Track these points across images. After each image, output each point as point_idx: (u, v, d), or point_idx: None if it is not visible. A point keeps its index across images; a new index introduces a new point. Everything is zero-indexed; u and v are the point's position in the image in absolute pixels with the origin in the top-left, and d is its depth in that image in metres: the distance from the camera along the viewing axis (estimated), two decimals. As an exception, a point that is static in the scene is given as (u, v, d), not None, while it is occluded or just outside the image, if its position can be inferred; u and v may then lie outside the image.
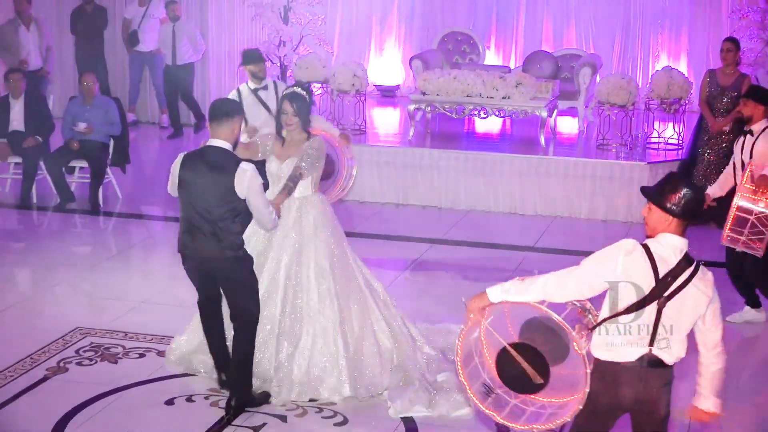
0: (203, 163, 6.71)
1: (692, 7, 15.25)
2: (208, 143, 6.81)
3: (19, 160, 12.28)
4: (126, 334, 8.38)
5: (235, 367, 7.00)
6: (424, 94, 12.79)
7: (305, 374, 7.14)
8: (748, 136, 8.57)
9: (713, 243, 11.01)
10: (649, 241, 4.96)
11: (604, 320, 4.96)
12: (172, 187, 6.90)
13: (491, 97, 12.55)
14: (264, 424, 6.86)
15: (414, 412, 6.96)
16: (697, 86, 12.27)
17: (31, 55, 14.29)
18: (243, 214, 6.88)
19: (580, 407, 4.95)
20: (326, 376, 7.14)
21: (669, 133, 12.98)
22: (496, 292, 5.02)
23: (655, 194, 4.97)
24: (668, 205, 4.91)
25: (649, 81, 13.29)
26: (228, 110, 6.82)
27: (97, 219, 11.91)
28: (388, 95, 16.12)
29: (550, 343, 4.96)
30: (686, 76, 13.17)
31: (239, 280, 6.92)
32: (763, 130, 8.45)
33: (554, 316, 4.92)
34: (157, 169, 14.55)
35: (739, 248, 8.44)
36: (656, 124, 13.09)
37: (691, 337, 4.99)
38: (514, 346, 4.98)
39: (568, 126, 13.89)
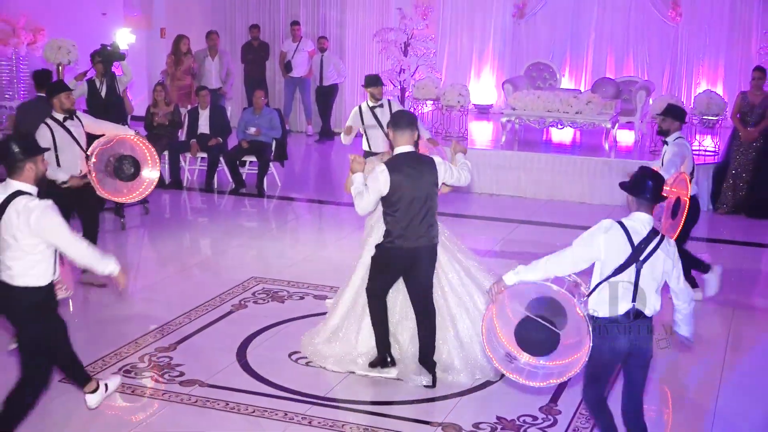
0: (411, 167, 6.16)
1: (728, 43, 14.99)
2: (399, 150, 6.21)
3: (204, 155, 12.55)
4: (289, 282, 8.61)
5: (428, 342, 6.44)
6: (514, 109, 12.91)
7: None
8: (665, 145, 8.13)
9: (740, 228, 11.07)
10: (623, 219, 5.06)
11: (597, 285, 5.02)
12: (371, 200, 6.18)
13: (567, 113, 12.61)
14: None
15: None
16: (731, 106, 12.15)
17: (212, 78, 14.73)
18: None
19: (586, 359, 4.99)
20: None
21: (707, 143, 12.86)
22: (510, 277, 5.10)
23: (621, 183, 5.19)
24: (626, 186, 5.11)
25: (693, 101, 13.20)
26: (412, 121, 6.30)
27: (262, 200, 12.08)
28: (483, 112, 16.17)
29: (554, 314, 5.01)
30: (722, 97, 13.06)
31: (432, 266, 6.43)
32: (675, 140, 8.04)
33: (558, 288, 4.99)
34: (305, 164, 14.93)
35: None
36: (697, 136, 12.98)
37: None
38: (528, 318, 5.02)
39: (626, 136, 13.83)
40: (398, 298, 6.68)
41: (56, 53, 11.84)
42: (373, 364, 6.60)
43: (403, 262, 6.33)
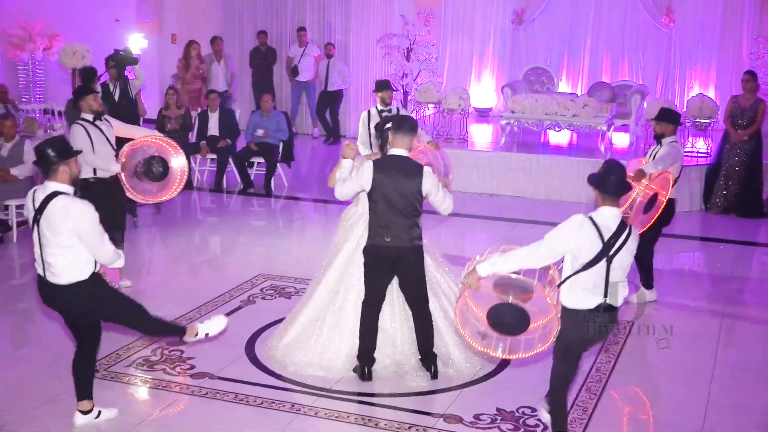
0: (397, 170, 6.13)
1: (719, 49, 14.99)
2: (393, 152, 6.21)
3: (214, 156, 12.58)
4: (295, 279, 8.64)
5: (427, 338, 6.42)
6: (513, 112, 12.90)
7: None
8: (659, 145, 8.03)
9: (731, 227, 11.08)
10: (593, 215, 5.04)
11: (568, 278, 5.05)
12: (351, 189, 6.27)
13: (564, 116, 12.60)
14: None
15: None
16: (723, 109, 12.17)
17: (219, 81, 14.76)
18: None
19: (553, 340, 5.08)
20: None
21: (700, 145, 12.87)
22: (484, 268, 5.07)
23: (588, 176, 5.20)
24: (591, 180, 5.14)
25: (686, 105, 13.20)
26: (413, 127, 6.26)
27: (269, 200, 12.10)
28: (483, 115, 16.17)
29: (518, 293, 5.07)
30: (714, 100, 13.06)
31: (420, 266, 6.36)
32: (669, 143, 7.95)
33: (528, 279, 5.03)
34: (312, 166, 14.93)
35: None
36: (690, 138, 12.98)
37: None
38: (500, 303, 5.06)
39: (621, 138, 13.82)
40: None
41: (71, 58, 11.86)
42: (354, 371, 6.52)
43: (386, 259, 6.27)
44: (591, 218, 5.03)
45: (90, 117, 7.83)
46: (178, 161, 7.35)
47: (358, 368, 6.48)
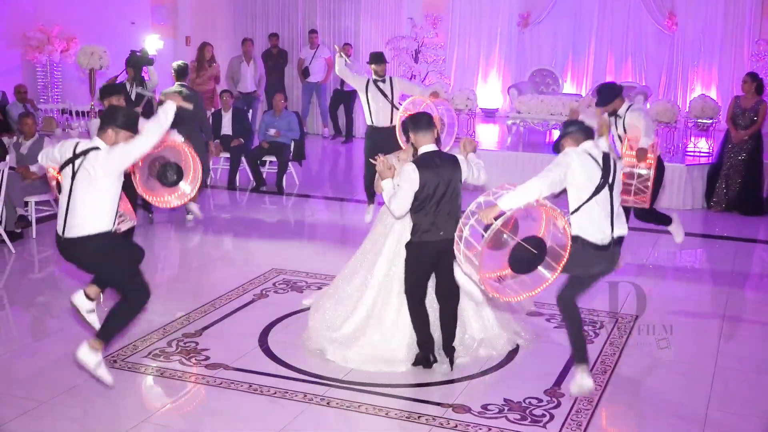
0: (438, 165, 6.08)
1: (721, 51, 15.02)
2: (424, 149, 6.16)
3: (227, 155, 12.60)
4: (307, 274, 8.62)
5: (450, 331, 6.40)
6: (519, 112, 12.92)
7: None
8: (616, 117, 8.07)
9: (733, 225, 11.06)
10: (582, 148, 5.50)
11: (580, 207, 5.40)
12: (406, 199, 6.08)
13: (568, 116, 12.59)
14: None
15: None
16: (725, 110, 12.15)
17: (248, 82, 14.78)
18: None
19: (560, 270, 5.38)
20: None
21: (702, 144, 12.86)
22: (505, 203, 5.35)
23: (566, 123, 5.78)
24: (565, 131, 5.71)
25: (688, 105, 13.17)
26: (430, 120, 6.20)
27: (281, 198, 12.12)
28: (490, 115, 16.18)
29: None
30: (716, 101, 13.03)
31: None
32: (627, 109, 7.99)
33: (548, 204, 5.42)
34: (322, 164, 14.95)
35: (629, 205, 7.78)
36: (692, 138, 12.96)
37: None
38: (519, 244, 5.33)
39: (625, 138, 13.83)
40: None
41: (89, 59, 11.89)
42: (416, 363, 6.46)
43: (431, 256, 6.21)
44: (584, 150, 5.46)
45: None
46: (186, 187, 7.28)
47: (421, 357, 6.42)
